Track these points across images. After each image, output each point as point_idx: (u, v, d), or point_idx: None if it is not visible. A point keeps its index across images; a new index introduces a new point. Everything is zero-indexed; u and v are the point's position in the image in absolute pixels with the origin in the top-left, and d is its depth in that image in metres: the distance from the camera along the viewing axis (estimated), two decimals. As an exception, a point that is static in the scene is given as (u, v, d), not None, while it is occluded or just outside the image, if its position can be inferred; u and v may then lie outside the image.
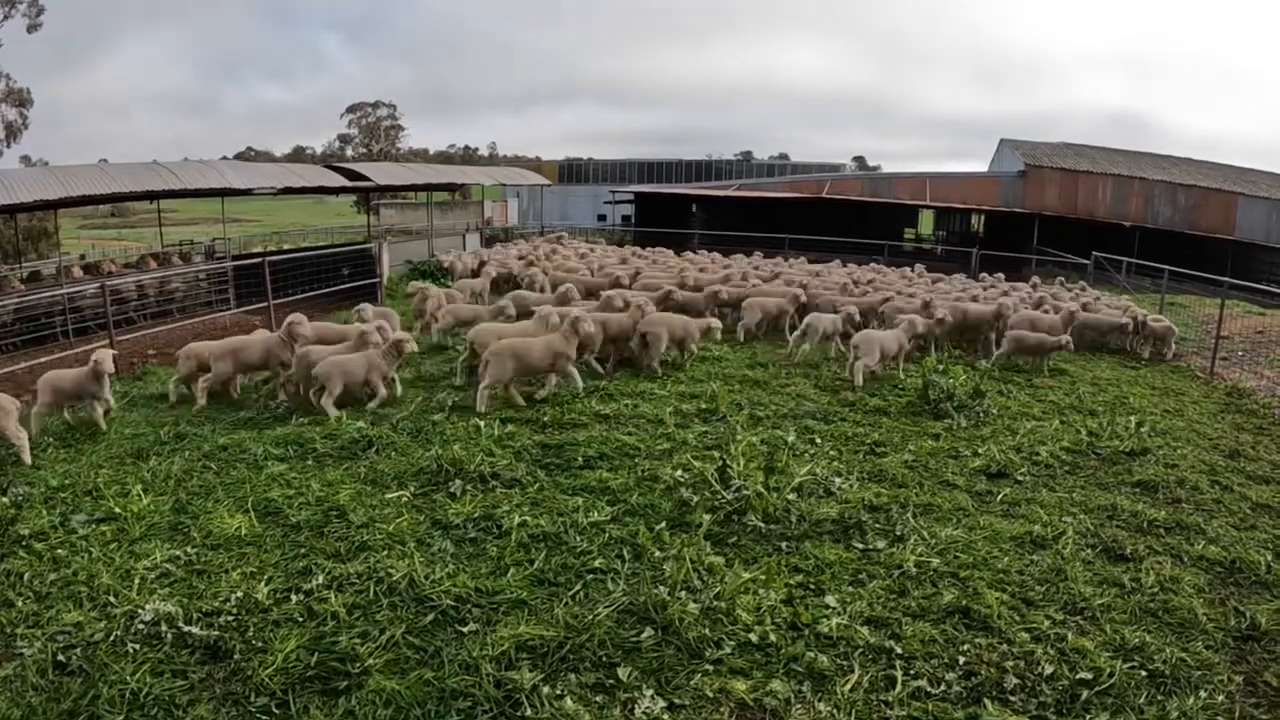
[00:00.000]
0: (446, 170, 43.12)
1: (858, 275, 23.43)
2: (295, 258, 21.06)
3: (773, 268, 24.62)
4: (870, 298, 18.83)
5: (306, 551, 7.23)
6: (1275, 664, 6.14)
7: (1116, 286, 28.63)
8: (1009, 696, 5.53)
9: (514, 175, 43.67)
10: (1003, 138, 60.32)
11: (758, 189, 54.11)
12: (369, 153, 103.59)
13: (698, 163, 79.07)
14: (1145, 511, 8.68)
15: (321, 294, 20.16)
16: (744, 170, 75.73)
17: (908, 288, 21.68)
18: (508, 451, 9.54)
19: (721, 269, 23.34)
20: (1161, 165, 53.78)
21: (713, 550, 7.15)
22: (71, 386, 10.78)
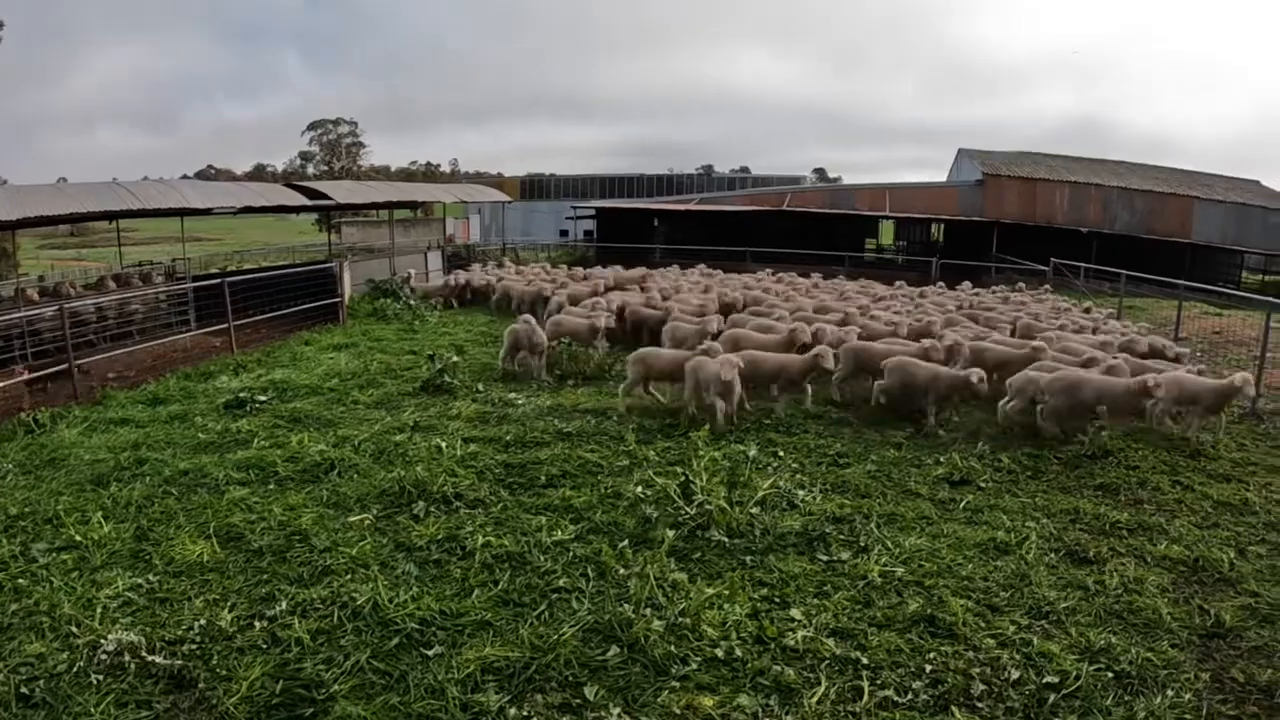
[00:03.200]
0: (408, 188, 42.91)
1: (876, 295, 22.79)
2: (255, 278, 20.88)
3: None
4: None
5: (269, 577, 7.15)
6: (1241, 660, 6.21)
7: (1075, 291, 28.87)
8: (976, 703, 5.55)
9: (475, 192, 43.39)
10: (961, 147, 60.83)
11: (719, 202, 54.19)
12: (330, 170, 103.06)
13: (659, 177, 79.30)
14: (1107, 514, 8.78)
15: (282, 314, 19.99)
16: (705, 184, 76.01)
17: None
18: (470, 471, 9.50)
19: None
20: (1118, 171, 54.54)
21: (677, 566, 7.16)
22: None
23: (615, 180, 77.33)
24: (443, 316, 23.19)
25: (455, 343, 18.20)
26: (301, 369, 15.48)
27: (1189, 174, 56.47)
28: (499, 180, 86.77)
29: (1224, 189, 52.81)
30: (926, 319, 16.47)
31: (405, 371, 15.16)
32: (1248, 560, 7.90)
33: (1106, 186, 50.05)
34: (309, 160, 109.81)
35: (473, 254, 38.96)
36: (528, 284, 23.77)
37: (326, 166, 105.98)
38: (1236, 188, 54.75)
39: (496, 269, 28.13)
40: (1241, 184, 56.63)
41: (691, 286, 22.88)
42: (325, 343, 18.43)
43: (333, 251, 35.57)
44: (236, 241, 74.25)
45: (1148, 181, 51.96)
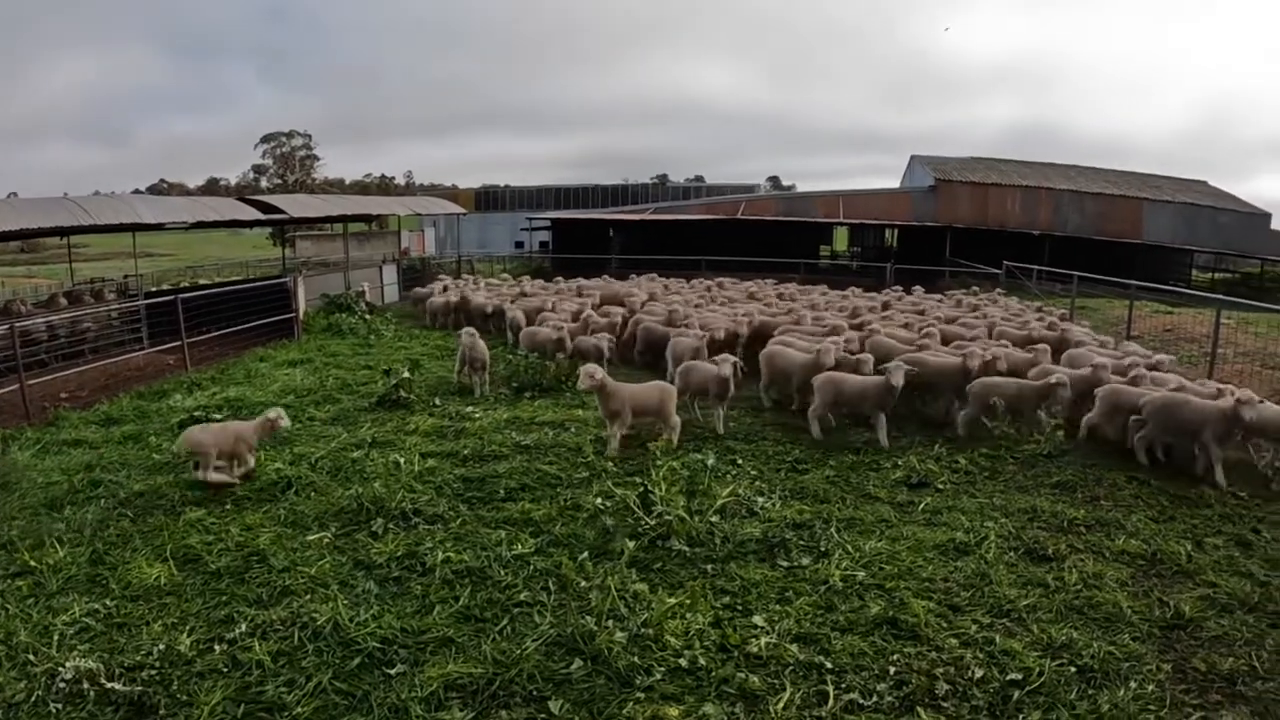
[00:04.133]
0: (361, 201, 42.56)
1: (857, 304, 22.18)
2: (209, 294, 20.66)
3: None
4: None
5: (228, 599, 7.03)
6: (1202, 649, 6.30)
7: (1028, 293, 29.17)
8: (941, 703, 5.58)
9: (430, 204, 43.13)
10: (913, 154, 61.51)
11: (674, 212, 54.40)
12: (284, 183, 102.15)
13: (614, 187, 79.31)
14: (1065, 511, 8.88)
15: (236, 331, 19.78)
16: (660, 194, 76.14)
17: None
18: (429, 487, 9.43)
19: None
20: (1068, 175, 55.52)
21: (638, 577, 7.15)
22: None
23: (570, 191, 77.30)
24: (398, 330, 23.07)
25: (411, 357, 18.00)
26: (256, 386, 15.32)
27: (1138, 176, 57.68)
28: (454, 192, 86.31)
29: (1173, 190, 54.04)
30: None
31: (361, 387, 15.04)
32: (1205, 552, 8.02)
33: (1057, 190, 51.03)
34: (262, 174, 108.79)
35: (428, 267, 38.77)
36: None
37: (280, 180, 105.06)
38: (1185, 188, 55.91)
39: (474, 285, 27.08)
40: (1190, 185, 57.85)
41: (699, 300, 22.16)
42: (280, 359, 18.25)
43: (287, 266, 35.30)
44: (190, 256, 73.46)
45: (1098, 184, 53.00)
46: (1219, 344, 16.20)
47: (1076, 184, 52.53)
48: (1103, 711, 5.47)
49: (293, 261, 38.64)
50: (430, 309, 24.11)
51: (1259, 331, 18.76)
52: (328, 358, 18.36)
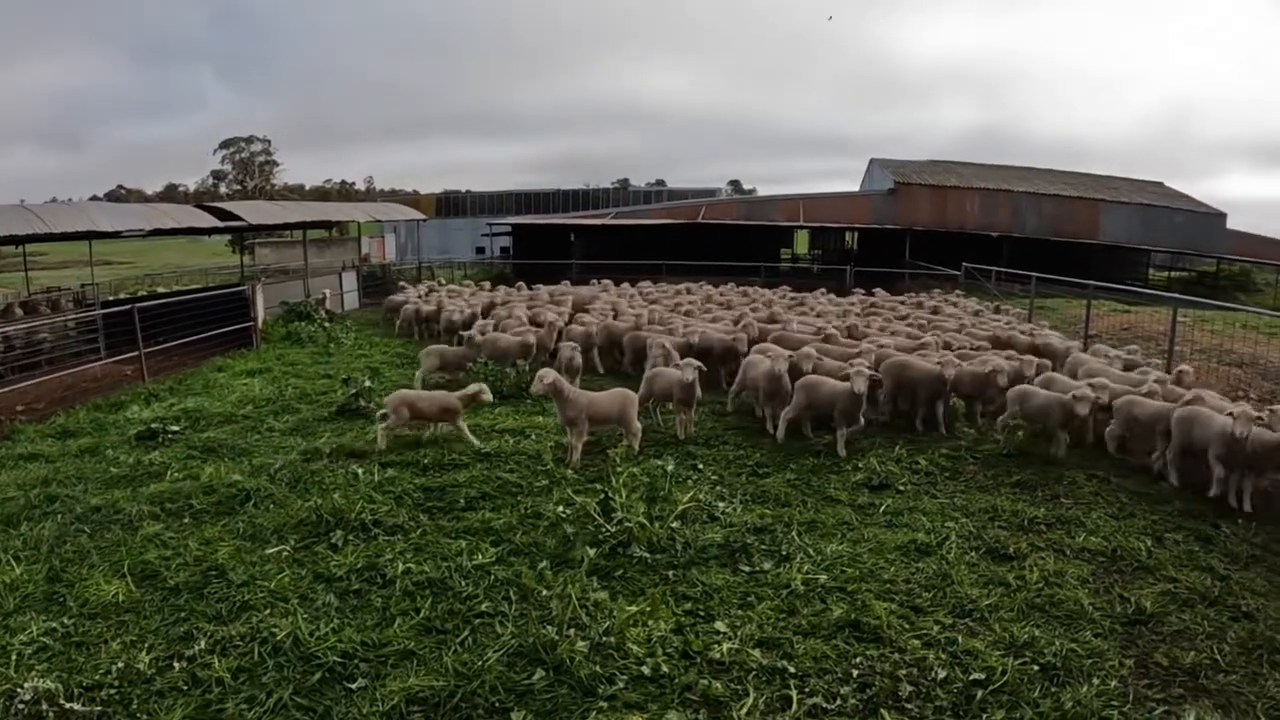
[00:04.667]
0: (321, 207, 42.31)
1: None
2: (166, 303, 20.40)
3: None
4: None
5: (187, 615, 6.92)
6: (1164, 644, 6.38)
7: (987, 293, 29.40)
8: (905, 705, 5.59)
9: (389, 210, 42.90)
10: (873, 157, 61.99)
11: (635, 216, 54.32)
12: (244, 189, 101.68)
13: (575, 192, 79.02)
14: (1025, 510, 8.96)
15: (195, 340, 19.56)
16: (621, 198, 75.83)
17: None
18: (388, 497, 9.32)
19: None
20: (1026, 177, 56.27)
21: (599, 585, 7.13)
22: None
23: (532, 196, 76.96)
24: (358, 338, 22.90)
25: (371, 365, 18.00)
26: (215, 396, 15.15)
27: (1096, 178, 58.60)
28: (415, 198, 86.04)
29: (1129, 191, 54.98)
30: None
31: (321, 396, 14.92)
32: (1165, 547, 8.13)
33: (1015, 192, 51.68)
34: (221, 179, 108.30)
35: (388, 273, 38.54)
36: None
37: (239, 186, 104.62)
38: (1141, 189, 56.85)
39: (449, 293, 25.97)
40: (1146, 186, 58.84)
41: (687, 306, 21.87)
42: (239, 368, 18.06)
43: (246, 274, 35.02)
44: (148, 264, 72.54)
45: (1055, 186, 53.77)
46: (1176, 341, 16.34)
47: (1034, 186, 53.21)
48: (1066, 709, 5.50)
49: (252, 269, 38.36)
50: (404, 316, 23.76)
51: (1215, 329, 18.98)
52: (287, 367, 18.18)
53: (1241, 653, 6.29)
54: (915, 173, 54.62)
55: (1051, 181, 55.24)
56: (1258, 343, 17.51)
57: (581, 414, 10.64)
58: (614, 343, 17.43)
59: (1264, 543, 8.30)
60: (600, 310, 20.57)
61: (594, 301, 22.17)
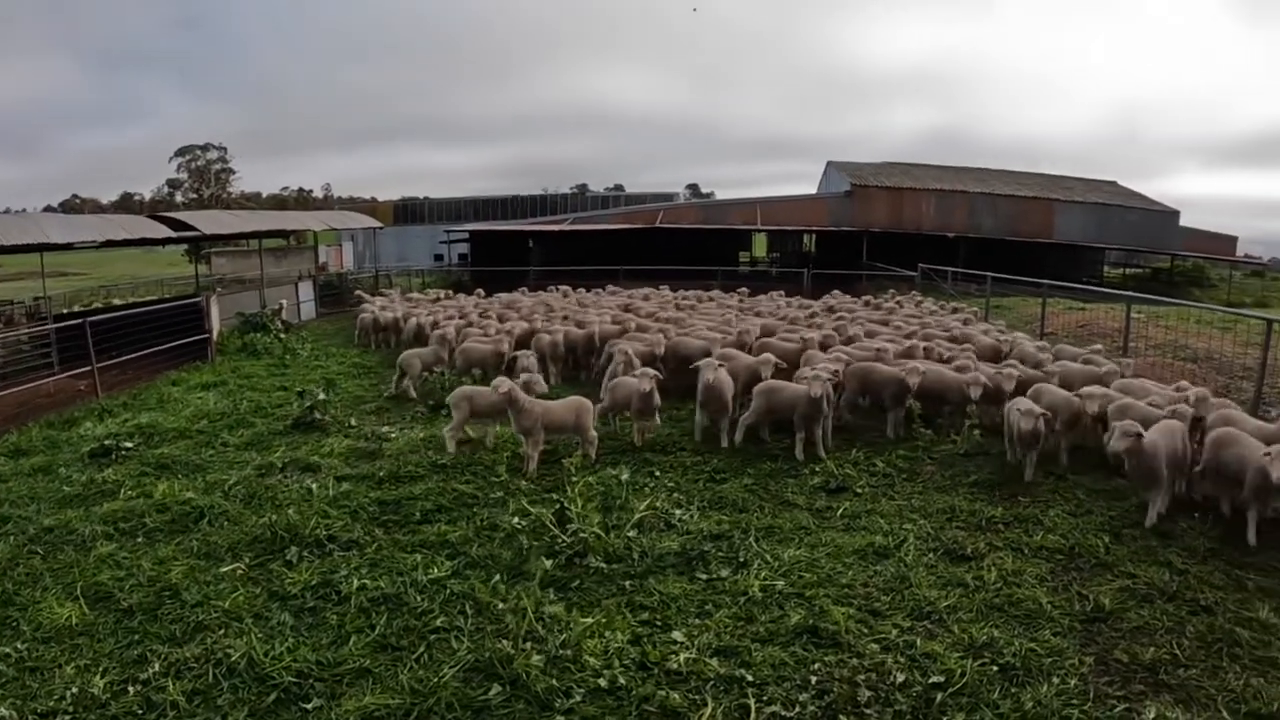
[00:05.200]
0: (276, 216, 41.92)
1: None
2: (119, 316, 20.14)
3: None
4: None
5: (141, 637, 6.81)
6: (1124, 641, 6.41)
7: (943, 293, 29.61)
8: (864, 710, 5.59)
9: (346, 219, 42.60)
10: (830, 160, 62.37)
11: (593, 221, 54.37)
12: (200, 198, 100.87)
13: (533, 197, 78.94)
14: (983, 510, 9.01)
15: (149, 353, 19.30)
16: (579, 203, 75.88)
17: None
18: (344, 512, 9.23)
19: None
20: (982, 178, 56.98)
21: (556, 596, 7.10)
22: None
23: (490, 202, 76.81)
24: (314, 349, 22.72)
25: (327, 376, 17.84)
26: (169, 411, 14.94)
27: (1050, 178, 59.47)
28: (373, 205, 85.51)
29: (1083, 191, 55.84)
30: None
31: (276, 409, 14.74)
32: (1123, 543, 8.19)
33: (971, 193, 52.39)
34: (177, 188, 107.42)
35: (345, 282, 38.28)
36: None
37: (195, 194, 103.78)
38: (1095, 189, 57.67)
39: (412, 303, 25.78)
40: (1099, 185, 59.68)
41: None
42: (194, 382, 17.83)
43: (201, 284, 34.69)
44: (104, 275, 71.51)
45: (1010, 186, 54.54)
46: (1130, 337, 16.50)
47: (990, 187, 53.92)
48: (1026, 709, 5.52)
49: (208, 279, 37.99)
50: (361, 325, 23.54)
51: (1169, 324, 19.16)
52: (242, 379, 17.97)
53: (1201, 647, 6.33)
54: (871, 175, 55.17)
55: (1007, 182, 55.96)
56: (1211, 338, 17.70)
57: (536, 423, 10.57)
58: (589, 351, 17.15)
59: (1222, 536, 8.37)
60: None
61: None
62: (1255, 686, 5.78)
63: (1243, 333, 16.69)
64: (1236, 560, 7.86)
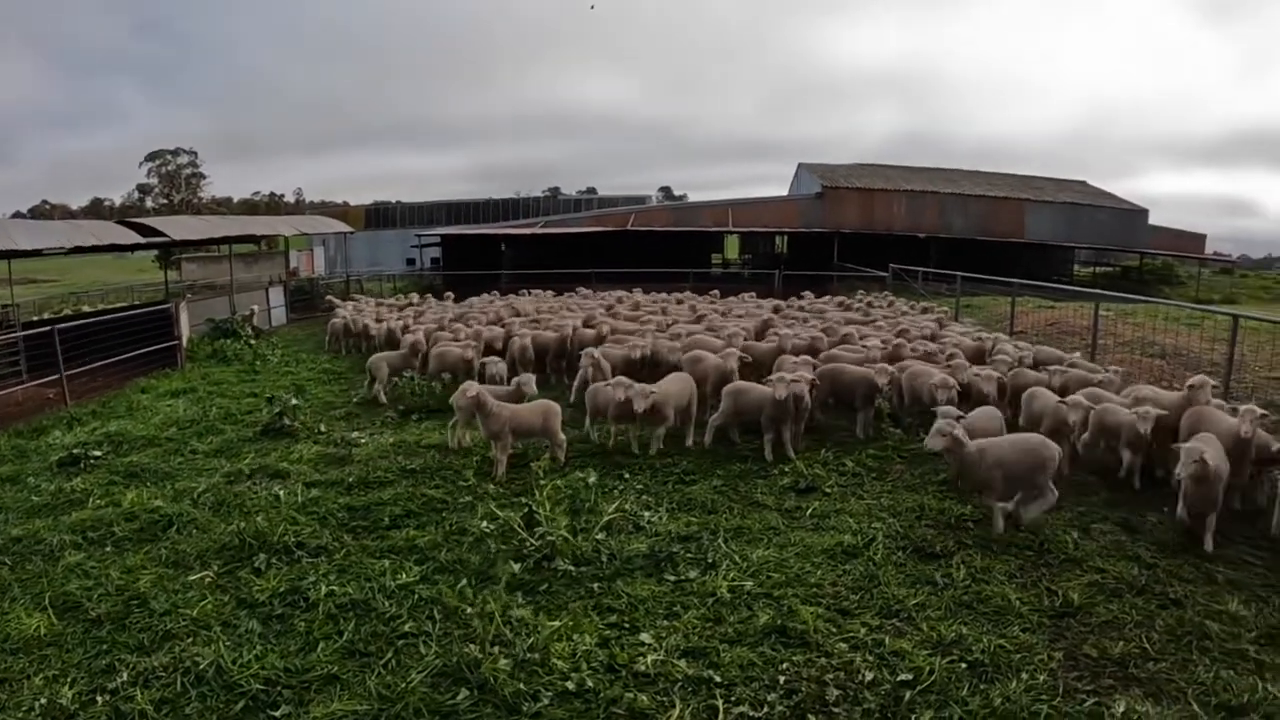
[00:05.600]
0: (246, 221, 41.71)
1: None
2: (88, 323, 19.99)
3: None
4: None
5: (109, 647, 6.75)
6: (1093, 635, 6.47)
7: (914, 293, 29.74)
8: (832, 709, 5.60)
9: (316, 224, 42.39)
10: (801, 162, 62.57)
11: (564, 225, 54.51)
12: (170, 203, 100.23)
13: (506, 201, 78.64)
14: (952, 508, 9.04)
15: (119, 361, 19.17)
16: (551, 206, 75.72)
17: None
18: (312, 518, 9.18)
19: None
20: (952, 179, 57.41)
21: (524, 600, 7.09)
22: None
23: (462, 206, 76.44)
24: (285, 354, 22.62)
25: (297, 382, 17.79)
26: (138, 419, 14.82)
27: (1020, 178, 59.99)
28: (345, 209, 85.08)
29: (1053, 190, 56.42)
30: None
31: (246, 415, 14.66)
32: (1092, 538, 8.28)
33: (941, 194, 52.86)
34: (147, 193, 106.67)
35: (316, 287, 38.09)
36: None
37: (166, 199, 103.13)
38: (1065, 188, 58.25)
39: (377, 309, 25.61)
40: (1069, 185, 60.25)
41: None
42: (163, 389, 17.69)
43: (171, 290, 34.42)
44: (73, 282, 70.82)
45: (981, 187, 55.02)
46: (1099, 335, 16.61)
47: (960, 187, 54.35)
48: (995, 705, 5.54)
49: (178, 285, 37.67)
50: (331, 330, 23.41)
51: (1137, 321, 19.32)
52: (212, 386, 17.87)
53: (1171, 640, 6.39)
54: (843, 176, 55.53)
55: (977, 183, 56.41)
56: (1179, 334, 17.83)
57: (504, 427, 10.56)
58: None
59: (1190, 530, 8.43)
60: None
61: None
62: (1225, 679, 5.83)
63: (1210, 329, 16.82)
64: (1205, 554, 7.94)
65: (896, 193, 52.73)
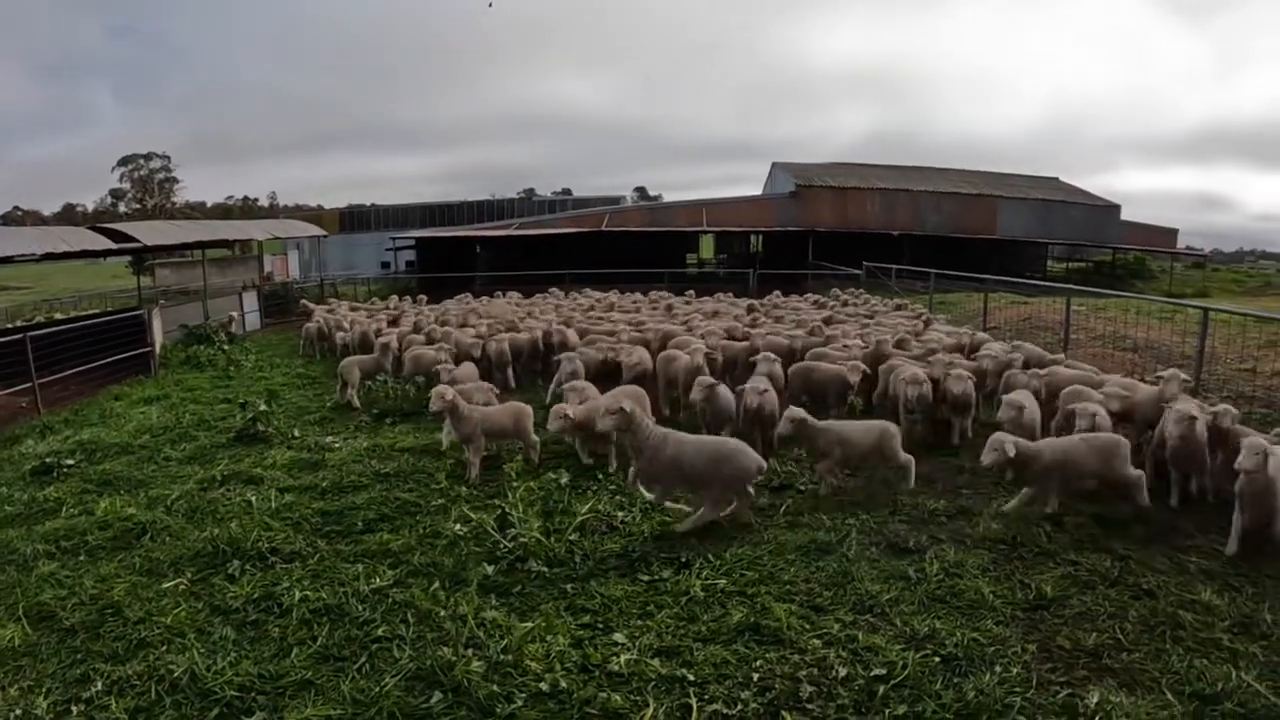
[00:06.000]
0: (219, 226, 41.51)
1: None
2: (60, 330, 19.87)
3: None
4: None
5: (83, 656, 6.71)
6: (1066, 627, 6.51)
7: (889, 290, 29.86)
8: (806, 705, 5.63)
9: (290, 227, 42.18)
10: (775, 161, 62.74)
11: (539, 226, 54.50)
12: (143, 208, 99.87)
13: (481, 203, 78.37)
14: (925, 503, 9.09)
15: (92, 368, 19.04)
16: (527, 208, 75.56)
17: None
18: (285, 524, 9.14)
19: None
20: (926, 176, 57.89)
21: (498, 601, 7.09)
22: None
23: (437, 209, 76.14)
24: (259, 360, 22.52)
25: (271, 387, 17.64)
26: (111, 426, 14.70)
27: (993, 175, 60.49)
28: (319, 213, 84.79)
29: (1026, 187, 56.91)
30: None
31: (219, 422, 14.56)
32: (1065, 531, 8.33)
33: (915, 191, 53.19)
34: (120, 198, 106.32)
35: (290, 292, 37.93)
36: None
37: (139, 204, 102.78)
38: (1038, 185, 58.82)
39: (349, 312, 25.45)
40: (1042, 182, 60.82)
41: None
42: (136, 396, 17.58)
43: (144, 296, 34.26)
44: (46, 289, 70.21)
45: (954, 184, 55.53)
46: (1072, 329, 16.73)
47: (934, 185, 54.75)
48: (969, 699, 5.57)
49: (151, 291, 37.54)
50: (305, 335, 23.29)
51: (1109, 315, 19.44)
52: (185, 392, 17.74)
53: (1144, 630, 6.45)
54: (817, 175, 55.77)
55: (950, 180, 56.82)
56: (1151, 327, 17.96)
57: (476, 429, 10.56)
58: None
59: (1165, 521, 8.58)
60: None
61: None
62: (1199, 667, 5.88)
63: (1181, 322, 16.96)
64: (1178, 544, 8.04)
65: (870, 191, 53.02)
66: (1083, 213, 54.67)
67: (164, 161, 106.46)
